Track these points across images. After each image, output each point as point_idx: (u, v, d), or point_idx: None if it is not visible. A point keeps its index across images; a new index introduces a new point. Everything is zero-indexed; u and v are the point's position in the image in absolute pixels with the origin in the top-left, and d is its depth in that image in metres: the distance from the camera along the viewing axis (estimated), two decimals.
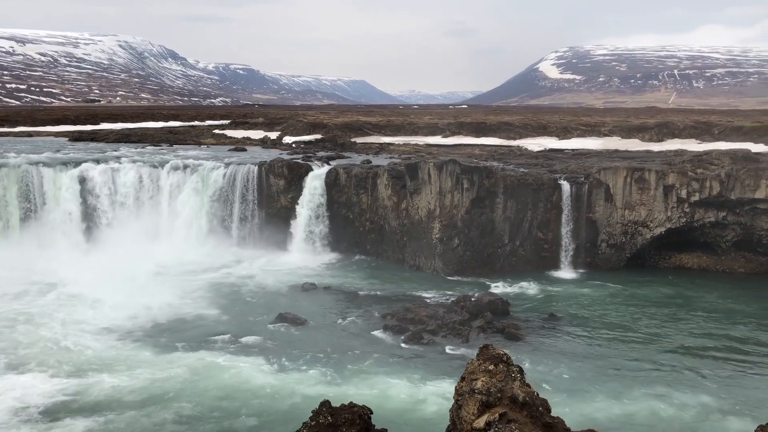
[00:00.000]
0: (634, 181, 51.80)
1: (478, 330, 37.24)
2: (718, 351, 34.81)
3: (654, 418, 26.94)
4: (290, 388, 29.43)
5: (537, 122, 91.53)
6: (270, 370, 31.39)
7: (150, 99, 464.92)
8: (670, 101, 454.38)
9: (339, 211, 56.24)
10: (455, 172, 50.85)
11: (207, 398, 28.31)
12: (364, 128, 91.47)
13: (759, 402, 28.40)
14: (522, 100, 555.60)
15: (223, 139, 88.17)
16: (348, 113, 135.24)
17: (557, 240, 51.94)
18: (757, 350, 34.94)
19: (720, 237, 52.50)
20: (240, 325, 38.04)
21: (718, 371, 32.04)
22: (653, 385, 30.07)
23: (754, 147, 64.28)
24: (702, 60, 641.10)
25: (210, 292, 44.15)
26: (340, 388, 28.93)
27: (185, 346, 34.44)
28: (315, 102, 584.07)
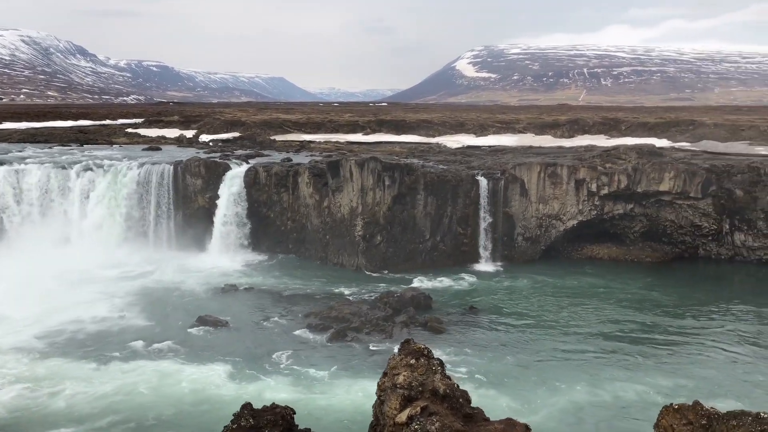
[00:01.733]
0: (548, 176, 53.61)
1: (402, 325, 37.63)
2: (629, 337, 36.52)
3: (572, 405, 27.98)
4: (211, 391, 28.84)
5: (455, 120, 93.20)
6: (189, 375, 30.62)
7: (57, 97, 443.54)
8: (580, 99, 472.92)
9: (259, 211, 55.47)
10: (377, 170, 51.13)
11: (124, 407, 27.34)
12: (283, 126, 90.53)
13: (669, 385, 29.98)
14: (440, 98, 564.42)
15: (137, 138, 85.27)
16: (267, 111, 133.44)
17: (476, 234, 53.13)
18: (665, 336, 36.88)
19: (628, 228, 55.11)
20: (157, 329, 36.89)
21: (631, 357, 33.63)
22: (570, 373, 31.23)
23: (658, 142, 67.93)
24: (609, 59, 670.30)
25: (125, 297, 42.57)
26: (263, 390, 28.59)
27: (99, 355, 33.08)
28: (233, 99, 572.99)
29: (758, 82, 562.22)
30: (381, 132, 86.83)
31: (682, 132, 74.65)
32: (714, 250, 54.14)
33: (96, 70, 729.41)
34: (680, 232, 54.61)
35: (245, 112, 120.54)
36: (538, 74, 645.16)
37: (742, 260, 53.00)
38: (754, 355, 33.68)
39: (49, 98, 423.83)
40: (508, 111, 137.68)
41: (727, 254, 53.68)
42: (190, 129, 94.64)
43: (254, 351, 33.85)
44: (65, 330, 36.50)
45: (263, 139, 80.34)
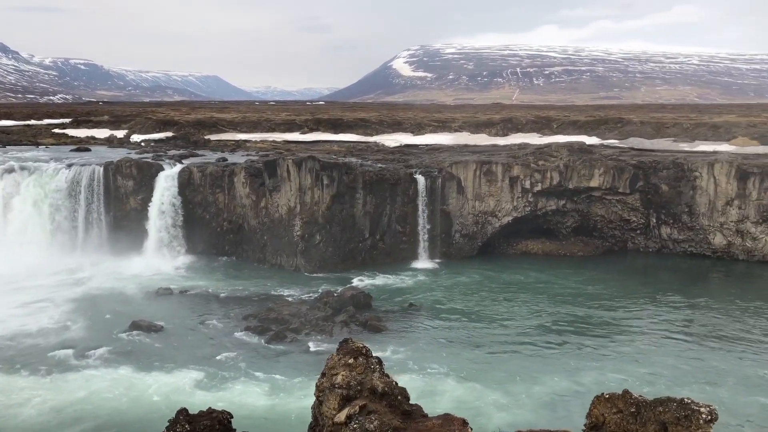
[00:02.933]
0: (483, 173, 54.54)
1: (342, 325, 37.56)
2: (563, 330, 37.53)
3: (508, 397, 28.55)
4: (145, 398, 28.08)
5: (392, 119, 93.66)
6: (123, 381, 29.71)
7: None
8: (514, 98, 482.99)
9: (194, 212, 54.34)
10: (315, 169, 50.86)
11: (52, 418, 26.29)
12: (218, 125, 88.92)
13: (601, 374, 30.96)
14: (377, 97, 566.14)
15: (65, 139, 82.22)
16: (201, 110, 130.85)
17: (415, 232, 53.57)
18: (598, 327, 38.07)
19: (561, 224, 56.66)
20: (89, 336, 35.64)
21: (565, 349, 34.56)
22: (507, 366, 31.87)
23: (588, 139, 70.05)
24: (541, 59, 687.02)
25: (54, 303, 40.96)
26: (200, 394, 28.03)
27: (25, 366, 31.67)
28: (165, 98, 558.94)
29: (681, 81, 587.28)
30: (318, 131, 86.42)
31: (611, 129, 77.23)
32: (642, 244, 56.26)
33: (19, 68, 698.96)
34: (610, 226, 56.52)
35: (178, 112, 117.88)
36: (472, 74, 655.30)
37: (668, 252, 55.27)
38: (681, 343, 35.17)
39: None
40: (444, 110, 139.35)
41: (654, 247, 55.87)
42: (120, 129, 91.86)
43: (190, 355, 33.13)
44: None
45: (197, 139, 78.78)
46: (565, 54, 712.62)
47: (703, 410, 11.42)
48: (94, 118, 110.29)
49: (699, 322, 38.46)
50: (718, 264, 52.38)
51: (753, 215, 52.18)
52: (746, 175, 52.02)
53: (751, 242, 52.50)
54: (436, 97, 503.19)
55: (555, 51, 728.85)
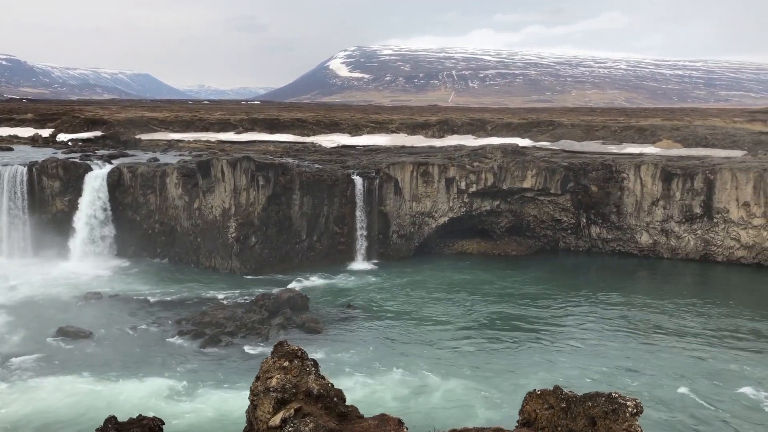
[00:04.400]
0: (420, 174, 55.01)
1: (278, 327, 37.18)
2: (497, 327, 38.25)
3: (443, 395, 28.88)
4: (72, 406, 27.02)
5: (329, 119, 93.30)
6: (48, 390, 28.52)
7: None
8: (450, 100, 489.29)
9: (124, 214, 52.74)
10: (250, 169, 50.15)
11: None
12: (149, 124, 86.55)
13: (534, 370, 31.67)
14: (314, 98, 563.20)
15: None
16: (132, 108, 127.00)
17: (352, 233, 53.53)
18: (530, 324, 38.97)
19: (495, 224, 57.73)
20: (13, 343, 34.06)
21: (499, 346, 35.23)
22: (443, 364, 32.23)
23: (521, 141, 71.63)
24: (476, 62, 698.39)
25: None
26: (130, 402, 27.12)
27: None
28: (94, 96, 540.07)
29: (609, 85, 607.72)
30: (254, 131, 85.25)
31: (543, 132, 79.19)
32: (573, 243, 57.92)
33: None
34: (542, 226, 57.96)
35: (108, 110, 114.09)
36: (409, 75, 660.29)
37: (597, 251, 57.09)
38: (611, 338, 36.40)
39: None
40: (382, 111, 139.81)
41: (584, 246, 57.61)
42: (46, 128, 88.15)
43: (120, 361, 32.12)
44: None
45: (128, 139, 76.44)
46: (499, 57, 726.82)
47: (629, 404, 11.83)
48: (17, 116, 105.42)
49: (628, 318, 39.88)
50: (645, 262, 54.46)
51: (677, 215, 54.49)
52: (670, 176, 54.29)
53: (675, 241, 54.80)
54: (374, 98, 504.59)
55: (489, 54, 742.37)
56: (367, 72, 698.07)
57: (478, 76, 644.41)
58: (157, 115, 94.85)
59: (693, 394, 28.91)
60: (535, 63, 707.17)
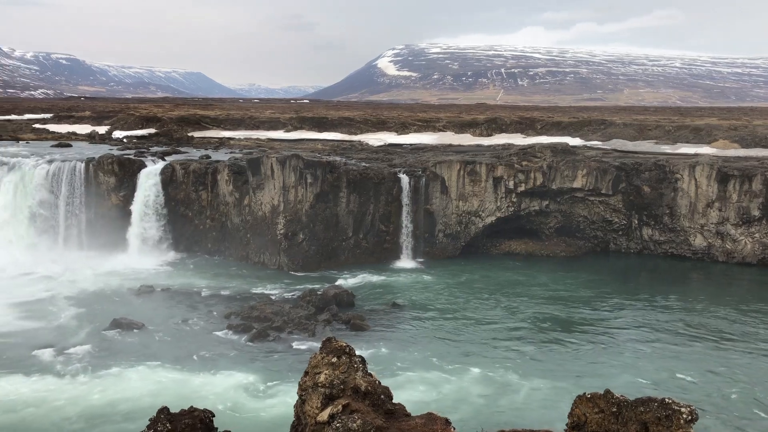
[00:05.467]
0: (467, 173, 54.67)
1: (324, 323, 37.49)
2: (545, 329, 37.73)
3: (491, 397, 28.65)
4: (126, 396, 27.80)
5: (377, 118, 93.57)
6: (103, 380, 29.42)
7: None
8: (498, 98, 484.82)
9: (177, 209, 53.94)
10: (298, 167, 50.69)
11: (34, 419, 25.94)
12: (202, 122, 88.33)
13: (583, 374, 31.16)
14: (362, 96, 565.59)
15: (45, 134, 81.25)
16: (184, 106, 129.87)
17: (398, 231, 53.57)
18: (580, 327, 38.32)
19: (544, 224, 56.95)
20: (69, 334, 35.24)
21: (547, 348, 34.74)
22: (489, 365, 31.96)
23: (571, 140, 70.46)
24: (525, 60, 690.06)
25: (32, 301, 40.46)
26: (181, 393, 27.78)
27: (7, 363, 31.26)
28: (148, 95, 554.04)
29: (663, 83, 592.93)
30: (303, 129, 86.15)
31: (594, 131, 77.75)
32: (624, 245, 56.72)
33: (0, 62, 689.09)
34: (593, 227, 56.92)
35: (161, 108, 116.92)
36: (457, 74, 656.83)
37: (649, 253, 55.77)
38: (663, 343, 35.49)
39: None
40: (429, 109, 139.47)
41: (635, 248, 56.34)
42: (102, 125, 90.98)
43: (171, 354, 32.87)
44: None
45: (180, 136, 78.18)
46: (549, 55, 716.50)
47: (684, 410, 11.52)
48: (76, 114, 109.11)
49: (682, 322, 38.84)
50: (699, 265, 52.95)
51: (733, 217, 52.80)
52: (726, 177, 52.63)
53: (731, 244, 53.11)
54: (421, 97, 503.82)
55: (539, 52, 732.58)
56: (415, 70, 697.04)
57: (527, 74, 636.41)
58: (209, 114, 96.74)
59: (752, 402, 27.98)
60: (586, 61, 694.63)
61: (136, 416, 24.99)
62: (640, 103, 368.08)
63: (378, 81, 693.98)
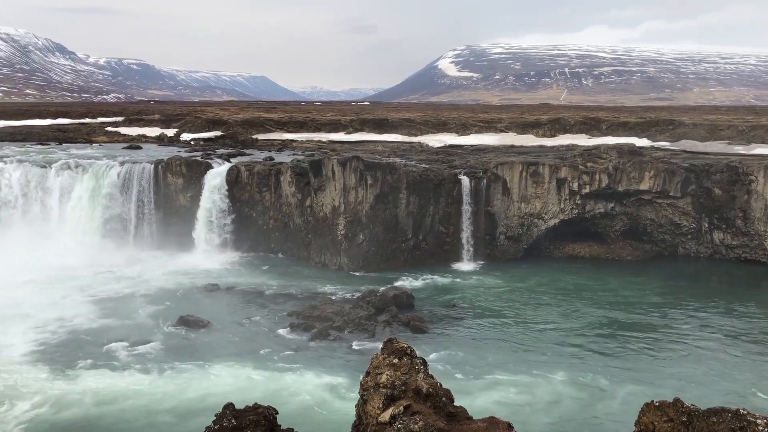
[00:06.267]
0: (529, 175, 53.86)
1: (384, 324, 37.61)
2: (610, 335, 36.79)
3: (554, 402, 28.13)
4: (192, 392, 28.60)
5: (437, 119, 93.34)
6: (171, 375, 30.35)
7: (36, 95, 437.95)
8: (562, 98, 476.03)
9: (241, 210, 55.17)
10: (359, 169, 51.05)
11: (103, 413, 26.97)
12: (265, 125, 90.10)
13: (650, 381, 30.24)
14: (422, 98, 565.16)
15: (117, 137, 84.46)
16: (249, 109, 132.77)
17: (458, 233, 53.24)
18: (646, 333, 37.18)
19: (609, 227, 55.53)
20: (138, 330, 36.50)
21: (612, 354, 33.88)
22: (552, 370, 31.38)
23: (638, 141, 68.54)
24: (590, 59, 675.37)
25: (104, 297, 42.13)
26: (245, 390, 28.40)
27: (80, 356, 32.64)
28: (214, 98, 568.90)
29: (736, 82, 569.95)
30: (363, 131, 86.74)
31: (662, 131, 75.40)
32: (693, 249, 54.74)
33: (75, 68, 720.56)
34: (660, 230, 55.17)
35: (227, 111, 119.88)
36: (519, 74, 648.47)
37: (720, 258, 53.63)
38: (733, 353, 34.08)
39: (28, 96, 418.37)
40: (490, 110, 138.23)
41: (706, 252, 54.30)
42: (171, 128, 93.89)
43: (235, 351, 33.62)
44: (36, 327, 36.00)
45: (245, 138, 79.92)
46: (615, 54, 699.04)
47: (759, 422, 11.02)
48: (146, 117, 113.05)
49: (753, 331, 37.21)
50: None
51: None
52: None
53: None
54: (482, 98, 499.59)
55: (605, 51, 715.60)
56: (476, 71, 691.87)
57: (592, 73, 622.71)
58: (273, 116, 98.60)
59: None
60: (654, 59, 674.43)
61: (201, 411, 25.65)
62: (711, 103, 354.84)
63: (438, 82, 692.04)
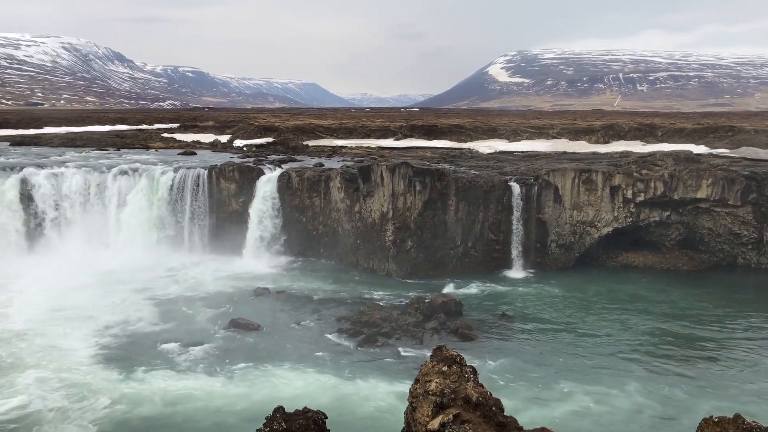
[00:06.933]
0: (582, 182, 52.94)
1: (432, 331, 37.46)
2: (666, 347, 35.78)
3: (607, 416, 27.52)
4: (243, 394, 29.05)
5: (487, 125, 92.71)
6: (222, 378, 30.90)
7: (96, 102, 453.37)
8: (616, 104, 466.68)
9: (292, 215, 55.84)
10: (408, 175, 51.09)
11: (156, 414, 27.64)
12: (316, 131, 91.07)
13: (708, 396, 29.30)
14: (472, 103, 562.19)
15: (172, 143, 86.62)
16: (300, 116, 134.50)
17: (508, 241, 52.67)
18: (704, 346, 36.06)
19: (664, 236, 54.08)
20: (190, 332, 37.30)
21: (668, 367, 32.93)
22: (605, 383, 30.72)
23: (695, 148, 66.57)
24: (645, 64, 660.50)
25: (159, 299, 43.22)
26: (295, 393, 28.68)
27: (137, 357, 33.56)
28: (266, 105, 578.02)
29: None
30: (412, 137, 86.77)
31: (721, 138, 73.12)
32: (754, 259, 52.83)
33: (133, 75, 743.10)
34: (718, 240, 53.44)
35: (278, 118, 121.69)
36: (572, 79, 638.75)
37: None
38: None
39: (88, 103, 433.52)
40: (542, 116, 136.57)
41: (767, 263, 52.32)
42: (224, 134, 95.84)
43: (285, 354, 34.00)
44: (94, 329, 37.13)
45: (296, 144, 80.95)
46: (671, 59, 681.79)
47: None
48: (200, 124, 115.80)
49: None
50: None
51: None
52: None
53: None
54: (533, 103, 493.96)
55: (660, 56, 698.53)
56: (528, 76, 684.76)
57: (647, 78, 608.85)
58: (323, 123, 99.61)
59: None
60: (712, 64, 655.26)
61: (253, 413, 26.02)
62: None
63: (489, 88, 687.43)
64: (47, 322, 37.70)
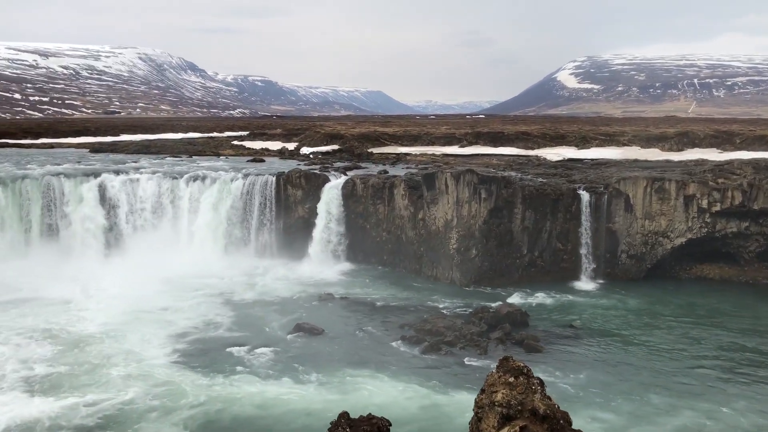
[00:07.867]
0: (654, 191, 51.26)
1: (497, 341, 36.93)
2: (742, 365, 34.15)
3: None
4: (309, 398, 29.36)
5: (555, 132, 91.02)
6: (288, 381, 31.33)
7: (170, 110, 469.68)
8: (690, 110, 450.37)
9: (356, 222, 56.23)
10: (472, 182, 50.66)
11: (224, 416, 28.20)
12: (380, 139, 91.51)
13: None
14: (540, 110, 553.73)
15: (242, 150, 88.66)
16: (365, 124, 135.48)
17: (576, 250, 51.46)
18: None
19: (743, 247, 51.70)
20: (257, 335, 38.04)
21: (743, 386, 31.42)
22: (676, 399, 29.58)
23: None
24: (722, 68, 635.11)
25: (228, 302, 44.27)
26: (359, 399, 28.78)
27: (204, 358, 34.43)
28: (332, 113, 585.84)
29: None
30: (478, 144, 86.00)
31: None
32: None
33: (205, 84, 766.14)
34: None
35: (344, 125, 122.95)
36: (644, 85, 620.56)
37: None
38: None
39: (162, 112, 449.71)
40: (612, 123, 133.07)
41: None
42: (291, 141, 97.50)
43: (349, 360, 34.19)
44: (168, 330, 38.30)
45: (361, 152, 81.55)
46: (751, 63, 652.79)
47: None
48: (269, 131, 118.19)
49: None
50: None
51: None
52: None
53: None
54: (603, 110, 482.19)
55: (739, 60, 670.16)
56: (597, 82, 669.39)
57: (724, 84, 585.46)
58: (388, 130, 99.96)
59: None
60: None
61: (319, 417, 26.23)
62: None
63: (557, 94, 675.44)
64: (126, 324, 39.13)
